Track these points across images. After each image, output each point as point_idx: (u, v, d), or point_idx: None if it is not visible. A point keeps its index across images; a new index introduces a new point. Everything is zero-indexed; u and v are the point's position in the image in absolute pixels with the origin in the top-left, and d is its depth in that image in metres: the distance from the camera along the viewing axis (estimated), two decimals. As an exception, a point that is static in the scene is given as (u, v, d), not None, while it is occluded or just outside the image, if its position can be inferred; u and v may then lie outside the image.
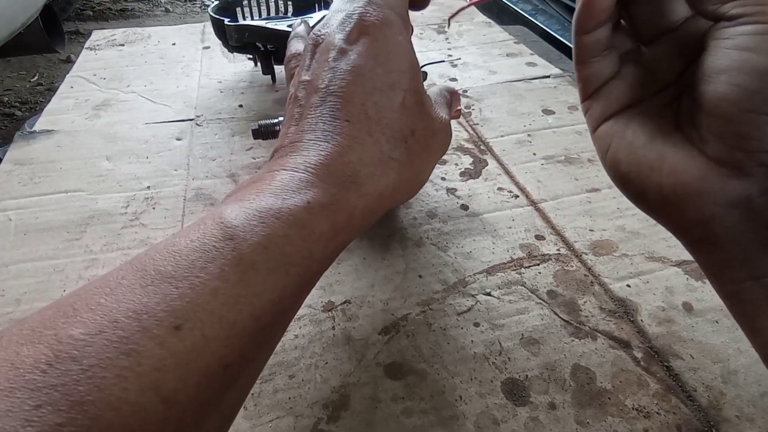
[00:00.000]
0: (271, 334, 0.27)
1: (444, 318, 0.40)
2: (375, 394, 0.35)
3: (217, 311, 0.23)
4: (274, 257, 0.25)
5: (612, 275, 0.43)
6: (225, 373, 0.23)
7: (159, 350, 0.21)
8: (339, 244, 0.30)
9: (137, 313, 0.21)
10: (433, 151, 0.35)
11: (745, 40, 0.25)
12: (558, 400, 0.34)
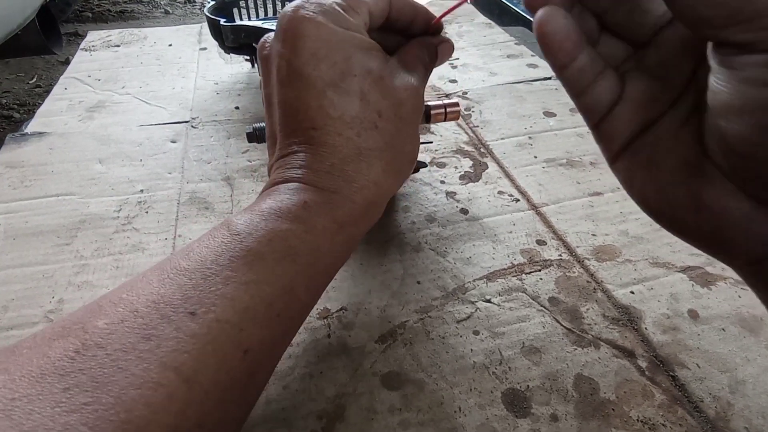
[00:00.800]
0: (287, 322, 0.28)
1: (443, 326, 0.39)
2: (371, 405, 0.33)
3: (229, 296, 0.24)
4: (280, 248, 0.27)
5: (615, 281, 0.42)
6: (244, 358, 0.24)
7: (176, 334, 0.22)
8: (348, 237, 0.31)
9: (155, 302, 0.23)
10: (408, 120, 0.34)
11: (760, 72, 0.21)
12: (560, 411, 0.33)
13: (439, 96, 0.71)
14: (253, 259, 0.26)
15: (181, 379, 0.22)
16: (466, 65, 0.80)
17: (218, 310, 0.24)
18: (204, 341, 0.23)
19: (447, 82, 0.75)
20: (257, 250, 0.26)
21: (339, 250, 0.31)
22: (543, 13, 0.27)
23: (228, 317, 0.24)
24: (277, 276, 0.26)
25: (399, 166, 0.34)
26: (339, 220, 0.30)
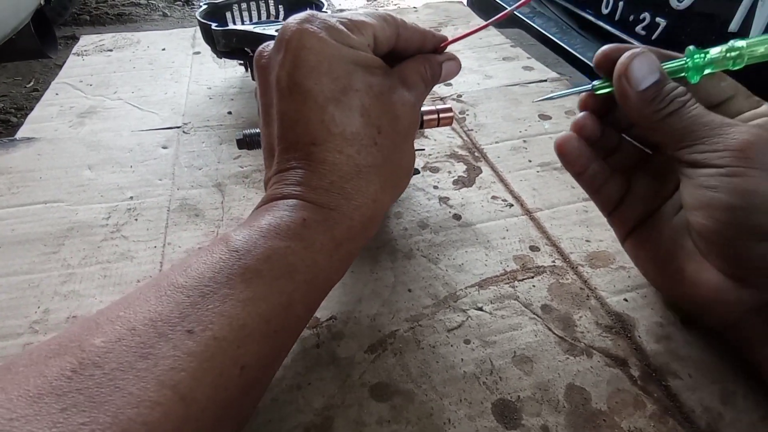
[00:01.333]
0: (284, 337, 0.28)
1: (433, 335, 0.38)
2: (359, 417, 0.33)
3: (226, 314, 0.24)
4: (278, 266, 0.27)
5: (609, 288, 0.41)
6: (242, 374, 0.24)
7: (174, 352, 0.22)
8: (345, 254, 0.31)
9: (153, 320, 0.23)
10: (405, 135, 0.35)
11: (708, 181, 0.30)
12: (551, 422, 0.32)
13: (433, 100, 0.71)
14: (252, 276, 0.26)
15: (178, 397, 0.22)
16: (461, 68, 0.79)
17: (216, 328, 0.24)
18: (201, 359, 0.23)
19: (442, 86, 0.74)
20: (255, 267, 0.26)
21: (336, 267, 0.31)
22: (561, 137, 0.38)
23: (225, 335, 0.24)
24: (274, 293, 0.26)
25: (396, 181, 0.34)
26: (337, 237, 0.30)
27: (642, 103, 0.32)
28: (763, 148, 0.29)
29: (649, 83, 0.32)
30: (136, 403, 0.21)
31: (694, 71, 0.33)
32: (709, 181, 0.30)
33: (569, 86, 0.72)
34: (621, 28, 1.07)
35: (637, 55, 0.33)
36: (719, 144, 0.30)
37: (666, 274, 0.36)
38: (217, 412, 0.24)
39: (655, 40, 0.99)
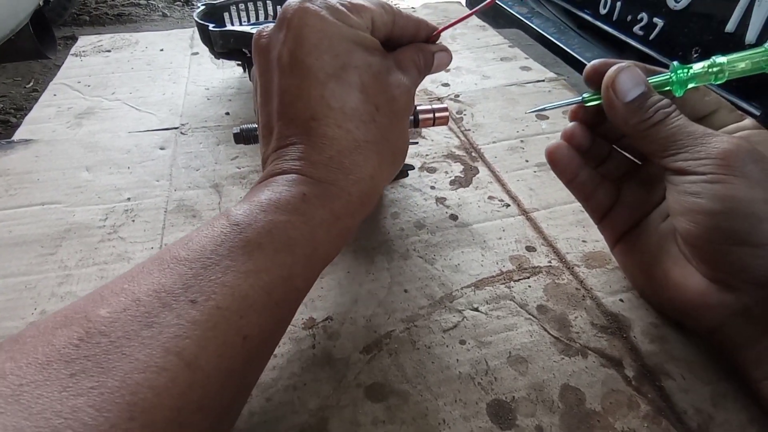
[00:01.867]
0: (285, 309, 0.29)
1: (429, 335, 0.38)
2: (354, 417, 0.33)
3: (229, 284, 0.25)
4: (279, 239, 0.27)
5: (605, 289, 0.41)
6: (244, 344, 0.25)
7: (178, 321, 0.23)
8: (343, 229, 0.32)
9: (157, 291, 0.24)
10: (401, 116, 0.35)
11: (691, 187, 0.31)
12: (545, 423, 0.32)
13: (430, 99, 0.71)
14: (253, 249, 0.26)
15: (184, 364, 0.22)
16: (458, 68, 0.79)
17: (218, 298, 0.24)
18: (205, 327, 0.24)
19: (439, 86, 0.75)
20: (257, 240, 0.27)
21: (335, 241, 0.31)
22: (551, 145, 0.40)
23: (228, 305, 0.25)
24: (275, 266, 0.27)
25: (392, 159, 0.35)
26: (336, 212, 0.30)
27: (628, 113, 0.34)
28: (742, 156, 0.30)
29: (635, 95, 0.34)
30: (143, 368, 0.21)
31: (679, 85, 0.35)
32: (693, 188, 0.31)
33: (567, 86, 0.73)
34: (619, 28, 1.07)
35: (624, 69, 0.35)
36: (702, 152, 0.31)
37: (652, 279, 0.37)
38: (222, 380, 0.24)
39: (652, 40, 0.99)
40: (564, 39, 1.11)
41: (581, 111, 0.40)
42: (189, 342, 0.23)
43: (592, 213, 0.42)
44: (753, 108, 0.78)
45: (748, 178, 0.30)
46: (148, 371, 0.21)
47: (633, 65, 0.35)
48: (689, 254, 0.34)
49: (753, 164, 0.30)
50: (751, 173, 0.30)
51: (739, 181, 0.30)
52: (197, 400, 0.23)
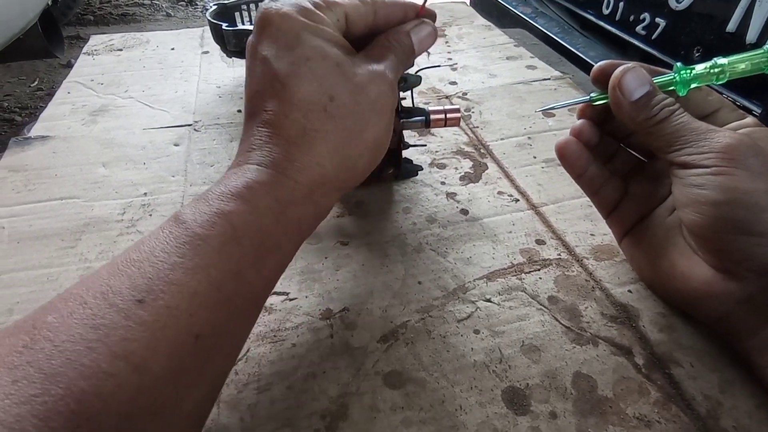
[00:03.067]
0: (238, 305, 0.28)
1: (443, 325, 0.39)
2: (374, 403, 0.34)
3: (176, 282, 0.24)
4: (224, 231, 0.27)
5: (613, 280, 0.42)
6: (197, 343, 0.24)
7: (125, 322, 0.22)
8: (295, 221, 0.31)
9: (104, 293, 0.23)
10: (371, 107, 0.34)
11: (696, 180, 0.33)
12: (559, 408, 0.34)
13: (438, 98, 0.72)
14: (199, 243, 0.26)
15: (132, 368, 0.22)
16: (465, 67, 0.80)
17: (167, 297, 0.24)
18: (154, 328, 0.23)
19: (447, 84, 0.76)
20: (202, 234, 0.26)
21: (286, 234, 0.31)
22: (561, 140, 0.41)
23: (177, 303, 0.24)
24: (222, 259, 0.26)
25: (351, 152, 0.33)
26: (282, 199, 0.30)
27: (634, 111, 0.36)
28: (744, 150, 0.32)
29: (641, 94, 0.36)
30: (89, 374, 0.21)
31: (682, 85, 0.37)
32: (697, 180, 0.33)
33: (572, 84, 0.74)
34: (622, 28, 1.08)
35: (629, 70, 0.36)
36: (705, 147, 0.33)
37: (659, 270, 0.39)
38: (175, 381, 0.24)
39: (654, 40, 1.00)
40: (568, 38, 1.12)
41: (589, 109, 0.41)
42: (137, 345, 0.22)
43: (601, 207, 0.43)
44: (754, 106, 0.79)
45: (750, 171, 0.32)
46: (95, 378, 0.21)
47: (638, 66, 0.37)
48: (695, 245, 0.35)
49: (754, 157, 0.32)
50: (753, 166, 0.32)
51: (742, 173, 0.32)
52: (148, 404, 0.22)
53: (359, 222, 0.49)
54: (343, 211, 0.51)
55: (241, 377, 0.36)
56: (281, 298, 0.41)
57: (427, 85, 0.75)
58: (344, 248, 0.46)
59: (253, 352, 0.37)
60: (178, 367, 0.24)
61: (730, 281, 0.33)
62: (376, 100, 0.34)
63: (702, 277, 0.35)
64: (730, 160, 0.32)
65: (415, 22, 0.38)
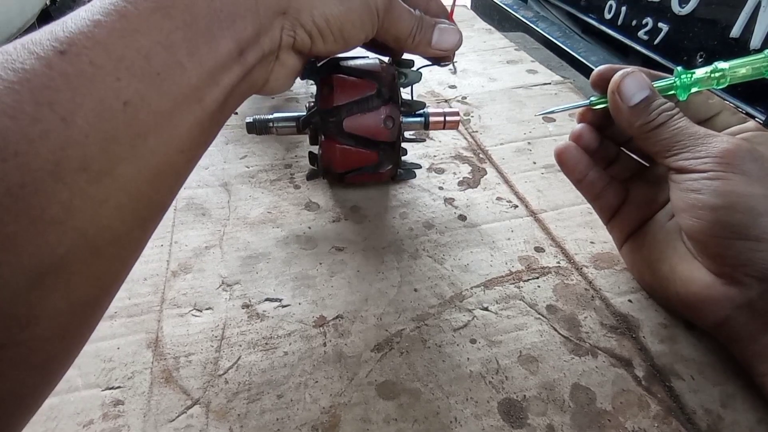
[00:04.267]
0: (174, 91, 0.25)
1: (439, 334, 0.38)
2: (366, 415, 0.33)
3: (101, 41, 0.23)
4: (153, 5, 0.25)
5: (613, 290, 0.42)
6: (126, 110, 0.23)
7: (47, 71, 0.21)
8: (231, 10, 0.28)
9: (23, 44, 0.22)
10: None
11: (693, 185, 0.33)
12: (557, 422, 0.33)
13: (438, 102, 0.71)
14: (125, 6, 0.24)
15: (58, 118, 0.21)
16: (465, 70, 0.80)
17: (91, 54, 0.22)
18: (78, 83, 0.22)
19: (446, 88, 0.75)
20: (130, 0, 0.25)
21: (219, 20, 0.28)
22: (560, 145, 0.41)
23: (102, 62, 0.22)
24: (150, 27, 0.24)
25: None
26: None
27: (633, 116, 0.36)
28: (742, 155, 0.32)
29: (640, 99, 0.36)
30: (12, 114, 0.20)
31: (682, 89, 0.37)
32: (694, 185, 0.33)
33: (573, 89, 0.73)
34: (624, 32, 1.08)
35: (629, 74, 0.37)
36: (702, 152, 0.33)
37: (660, 275, 0.38)
38: (104, 144, 0.22)
39: (657, 45, 0.99)
40: (569, 43, 1.12)
41: (589, 114, 0.41)
42: (62, 96, 0.21)
43: (601, 212, 0.43)
44: (757, 112, 0.78)
45: (747, 175, 0.32)
46: (19, 118, 0.20)
47: (638, 71, 0.37)
48: (694, 250, 0.35)
49: (752, 162, 0.32)
50: (751, 170, 0.32)
51: (739, 177, 0.32)
52: (78, 159, 0.21)
53: (355, 227, 0.48)
54: (338, 215, 0.50)
55: (231, 386, 0.35)
56: (274, 304, 0.40)
57: (426, 89, 0.74)
58: (339, 254, 0.45)
59: (244, 360, 0.36)
60: (107, 131, 0.22)
61: (730, 286, 0.33)
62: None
63: (702, 282, 0.35)
64: (727, 165, 0.32)
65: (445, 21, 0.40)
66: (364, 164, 0.47)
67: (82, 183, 0.22)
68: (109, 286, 0.26)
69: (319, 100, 0.44)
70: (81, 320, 0.24)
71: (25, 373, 0.22)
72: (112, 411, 0.33)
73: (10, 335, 0.21)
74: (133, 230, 0.25)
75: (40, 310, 0.21)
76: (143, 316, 0.39)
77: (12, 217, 0.20)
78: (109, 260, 0.24)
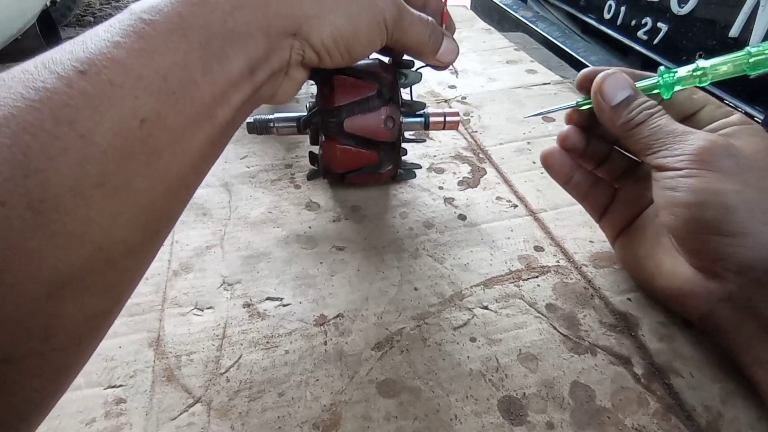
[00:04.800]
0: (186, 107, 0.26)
1: (439, 332, 0.38)
2: (367, 412, 0.33)
3: (120, 61, 0.24)
4: (170, 19, 0.26)
5: (612, 288, 0.42)
6: (142, 128, 0.24)
7: (67, 89, 0.22)
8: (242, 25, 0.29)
9: (44, 63, 0.23)
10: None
11: (669, 182, 0.34)
12: (556, 419, 0.33)
13: (438, 102, 0.71)
14: (143, 27, 0.25)
15: (77, 135, 0.21)
16: (465, 70, 0.80)
17: (110, 73, 0.23)
18: (97, 102, 0.22)
19: (446, 88, 0.75)
20: (147, 19, 0.25)
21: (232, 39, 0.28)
22: (545, 150, 0.43)
23: (121, 81, 0.23)
24: (167, 48, 0.25)
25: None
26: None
27: (615, 115, 0.37)
28: (716, 152, 0.33)
29: (621, 98, 0.37)
30: (33, 131, 0.21)
31: (665, 88, 0.37)
32: (671, 183, 0.34)
33: (572, 89, 0.73)
34: (623, 32, 1.08)
35: (610, 75, 0.38)
36: (679, 149, 0.34)
37: (647, 270, 0.40)
38: (121, 161, 0.23)
39: (656, 45, 1.00)
40: (569, 43, 1.12)
41: (575, 114, 0.42)
42: (81, 114, 0.22)
43: (591, 211, 0.45)
44: (756, 112, 0.79)
45: (721, 172, 0.32)
46: (40, 135, 0.21)
47: (619, 71, 0.38)
48: (676, 245, 0.37)
49: (727, 159, 0.33)
50: (725, 167, 0.33)
51: (712, 174, 0.32)
52: (96, 175, 0.22)
53: (355, 226, 0.49)
54: (339, 215, 0.50)
55: (232, 384, 0.35)
56: (275, 303, 0.41)
57: (426, 89, 0.75)
58: (340, 253, 0.46)
59: (245, 359, 0.37)
60: (124, 147, 0.23)
61: (711, 280, 0.34)
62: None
63: (685, 276, 0.36)
64: (702, 162, 0.33)
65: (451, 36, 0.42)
66: (364, 164, 0.47)
67: (98, 198, 0.22)
68: (120, 297, 0.26)
69: (319, 100, 0.45)
70: (94, 330, 0.25)
71: (42, 382, 0.23)
72: (114, 409, 0.34)
73: (31, 346, 0.21)
74: (144, 242, 0.26)
75: (58, 321, 0.22)
76: (145, 315, 0.40)
77: (33, 232, 0.20)
78: (121, 272, 0.25)
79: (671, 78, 0.37)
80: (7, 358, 0.21)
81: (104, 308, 0.25)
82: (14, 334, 0.20)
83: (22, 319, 0.20)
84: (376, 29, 0.35)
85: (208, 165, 0.30)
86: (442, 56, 0.41)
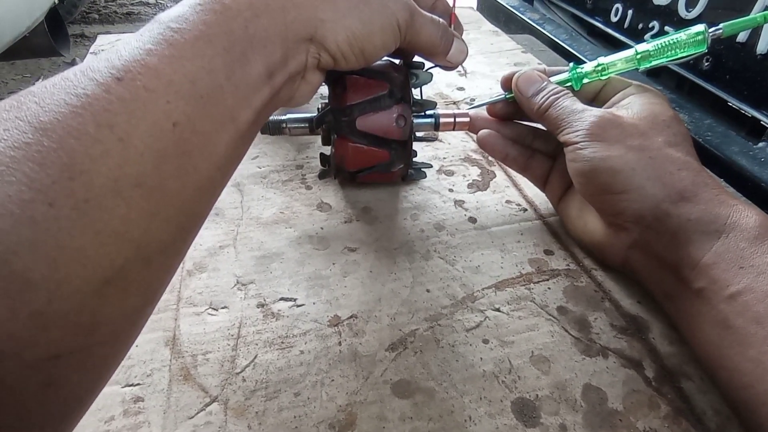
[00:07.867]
0: (212, 110, 0.27)
1: (452, 334, 0.39)
2: (382, 413, 0.34)
3: (152, 67, 0.25)
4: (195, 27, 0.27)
5: (623, 292, 0.42)
6: (175, 131, 0.25)
7: (106, 95, 0.23)
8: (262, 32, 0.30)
9: (82, 71, 0.24)
10: None
11: (571, 155, 0.41)
12: (569, 421, 0.33)
13: (446, 103, 0.72)
14: (172, 35, 0.26)
15: (116, 138, 0.23)
16: (473, 73, 0.80)
17: (144, 79, 0.24)
18: (133, 106, 0.24)
19: (455, 90, 0.75)
20: (175, 27, 0.27)
21: (253, 44, 0.29)
22: (480, 134, 0.50)
23: (154, 87, 0.24)
24: (194, 54, 0.27)
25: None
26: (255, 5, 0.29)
27: (530, 103, 0.45)
28: (602, 125, 0.40)
29: (533, 90, 0.45)
30: (77, 135, 0.22)
31: (575, 81, 0.46)
32: (572, 155, 0.41)
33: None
34: (630, 35, 1.08)
35: (523, 73, 0.46)
36: (576, 126, 0.41)
37: (579, 228, 0.46)
38: (157, 162, 0.24)
39: (663, 48, 0.99)
40: (575, 45, 1.12)
41: (498, 105, 0.50)
42: (119, 118, 0.23)
43: (534, 180, 0.51)
44: (764, 116, 0.79)
45: (607, 141, 0.39)
46: (83, 138, 0.22)
47: (531, 70, 0.46)
48: (592, 205, 0.43)
49: (613, 129, 0.39)
50: (611, 136, 0.39)
51: (600, 144, 0.39)
52: (134, 176, 0.23)
53: (367, 228, 0.49)
54: (350, 216, 0.50)
55: (248, 384, 0.35)
56: (288, 304, 0.41)
57: (434, 90, 0.75)
58: (352, 254, 0.46)
59: (260, 359, 0.37)
60: (159, 149, 0.24)
61: (618, 232, 0.41)
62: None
63: (602, 231, 0.43)
64: (592, 135, 0.39)
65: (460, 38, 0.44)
66: (375, 163, 0.47)
67: (137, 198, 0.23)
68: (155, 295, 0.27)
69: (332, 99, 0.45)
70: (131, 326, 0.26)
71: (86, 376, 0.24)
72: (132, 407, 0.34)
73: (78, 341, 0.22)
74: (177, 241, 0.27)
75: (102, 318, 0.23)
76: (160, 315, 0.40)
77: (80, 231, 0.21)
78: (156, 269, 0.26)
79: (578, 73, 0.45)
80: (58, 353, 0.21)
81: (141, 305, 0.26)
82: (65, 329, 0.21)
83: (71, 316, 0.21)
84: (390, 32, 0.36)
85: (233, 166, 0.31)
86: (452, 57, 0.43)
